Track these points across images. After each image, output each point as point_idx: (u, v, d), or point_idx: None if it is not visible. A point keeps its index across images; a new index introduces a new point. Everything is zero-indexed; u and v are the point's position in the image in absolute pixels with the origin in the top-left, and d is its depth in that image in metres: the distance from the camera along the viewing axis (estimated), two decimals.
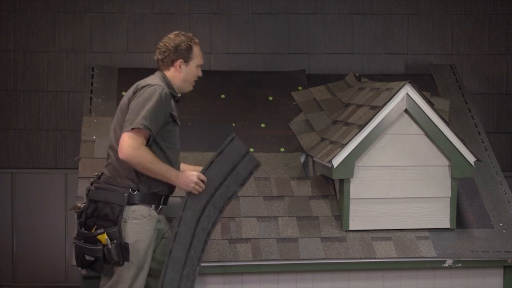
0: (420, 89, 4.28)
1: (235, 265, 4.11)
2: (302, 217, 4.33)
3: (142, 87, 3.63)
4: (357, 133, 4.18)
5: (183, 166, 3.94)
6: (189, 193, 3.61)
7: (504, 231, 4.44)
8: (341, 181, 4.30)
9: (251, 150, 4.68)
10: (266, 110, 4.97)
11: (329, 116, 4.89)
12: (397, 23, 5.99)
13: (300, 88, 5.16)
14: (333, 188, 4.49)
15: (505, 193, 4.66)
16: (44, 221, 5.85)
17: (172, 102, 3.72)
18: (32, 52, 5.83)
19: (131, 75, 5.04)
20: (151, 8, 5.84)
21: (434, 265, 4.29)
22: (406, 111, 4.28)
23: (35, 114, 5.86)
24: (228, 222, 4.24)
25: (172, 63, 3.76)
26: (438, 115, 4.29)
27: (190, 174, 3.60)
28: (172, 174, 3.59)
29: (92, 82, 4.94)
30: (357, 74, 5.29)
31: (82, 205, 3.60)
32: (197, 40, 3.83)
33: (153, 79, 3.71)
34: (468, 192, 4.63)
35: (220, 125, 4.80)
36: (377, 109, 4.24)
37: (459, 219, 4.45)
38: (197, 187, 3.60)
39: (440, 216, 4.38)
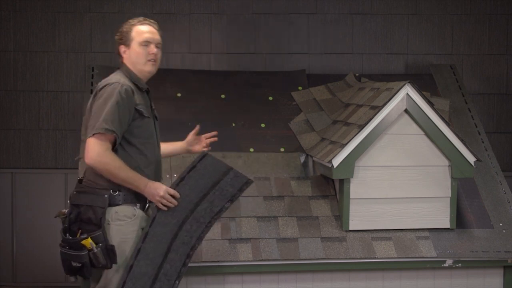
0: (420, 89, 4.28)
1: (235, 265, 4.11)
2: (302, 217, 4.33)
3: (101, 88, 3.51)
4: (357, 133, 4.18)
5: (164, 145, 3.91)
6: (158, 208, 3.52)
7: (504, 231, 4.44)
8: (341, 181, 4.30)
9: (251, 150, 4.68)
10: (266, 110, 4.97)
11: (329, 116, 4.89)
12: (397, 23, 5.99)
13: (300, 88, 5.16)
14: (333, 188, 4.49)
15: (505, 193, 4.66)
16: (44, 221, 5.85)
17: (139, 95, 3.59)
18: (32, 52, 5.83)
19: None
20: (151, 8, 5.85)
21: (434, 265, 4.29)
22: (406, 111, 4.28)
23: (35, 114, 5.86)
24: (228, 222, 4.24)
25: (120, 53, 3.68)
26: (438, 115, 4.29)
27: (157, 186, 3.49)
28: (140, 183, 3.46)
29: (92, 82, 4.94)
30: (357, 74, 5.29)
31: (66, 211, 3.51)
32: (137, 21, 3.67)
33: (114, 76, 3.59)
34: (468, 192, 4.63)
35: (220, 125, 4.80)
36: (377, 109, 4.24)
37: (459, 219, 4.45)
38: (164, 201, 3.48)
39: (440, 216, 4.38)
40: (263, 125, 4.86)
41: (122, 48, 3.66)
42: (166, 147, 4.00)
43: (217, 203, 3.67)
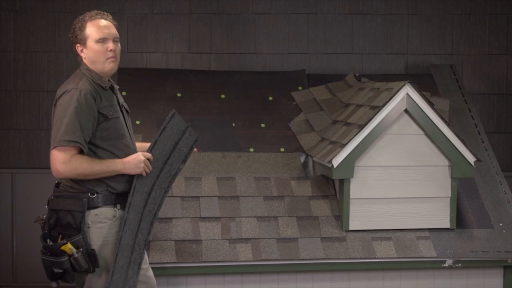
0: (420, 89, 4.28)
1: (235, 265, 4.11)
2: (302, 217, 4.33)
3: (60, 97, 3.40)
4: (357, 133, 4.18)
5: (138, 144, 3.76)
6: (137, 177, 3.45)
7: (504, 231, 4.44)
8: (341, 181, 4.30)
9: (251, 150, 4.68)
10: (266, 110, 4.97)
11: (329, 116, 4.89)
12: (397, 23, 5.99)
13: (300, 88, 5.16)
14: (333, 188, 4.49)
15: (505, 193, 4.66)
16: None
17: (102, 95, 3.45)
18: (32, 52, 5.83)
19: (131, 75, 5.06)
20: (151, 8, 5.84)
21: (434, 265, 4.29)
22: (406, 111, 4.28)
23: (35, 114, 5.86)
24: (228, 222, 4.24)
25: (77, 52, 3.52)
26: (438, 115, 4.29)
27: (135, 156, 3.42)
28: (117, 165, 3.38)
29: None
30: (357, 74, 5.29)
31: (44, 216, 3.47)
32: (89, 16, 3.50)
33: (72, 80, 3.47)
34: (468, 192, 4.63)
35: (220, 125, 4.80)
36: (377, 109, 4.24)
37: (459, 219, 4.45)
38: (146, 167, 3.43)
39: (440, 216, 4.38)
40: (263, 125, 4.86)
41: (79, 47, 3.49)
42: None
43: (175, 166, 3.60)
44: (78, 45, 3.49)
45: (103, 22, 3.50)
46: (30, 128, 5.86)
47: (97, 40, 3.44)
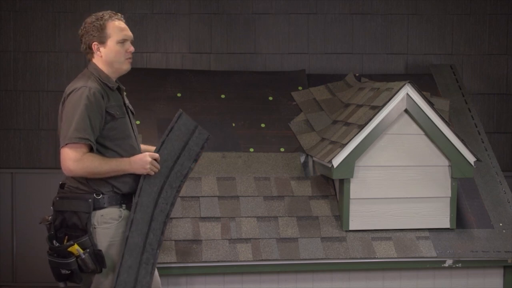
0: (420, 89, 4.28)
1: (235, 265, 4.11)
2: (302, 217, 4.33)
3: (69, 94, 3.42)
4: (357, 133, 4.19)
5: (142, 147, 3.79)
6: (144, 177, 3.47)
7: (504, 231, 4.44)
8: (341, 181, 4.30)
9: (251, 150, 4.68)
10: (266, 110, 4.97)
11: (329, 116, 4.89)
12: (397, 23, 5.99)
13: (300, 88, 5.16)
14: (333, 188, 4.49)
15: (505, 193, 4.66)
16: None
17: (110, 95, 3.48)
18: (32, 52, 5.83)
19: (131, 75, 5.04)
20: (151, 8, 5.84)
21: (434, 265, 4.29)
22: (406, 111, 4.28)
23: (35, 114, 5.86)
24: (228, 222, 4.24)
25: (91, 49, 3.52)
26: (438, 115, 4.29)
27: (142, 156, 3.45)
28: (124, 164, 3.41)
29: None
30: (357, 74, 5.29)
31: (50, 217, 3.48)
32: (109, 16, 3.53)
33: (80, 78, 3.48)
34: (468, 192, 4.63)
35: (220, 125, 4.80)
36: (377, 109, 4.24)
37: (459, 219, 4.45)
38: (153, 167, 3.45)
39: (440, 216, 4.38)
40: (263, 125, 4.86)
41: (95, 45, 3.51)
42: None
43: (186, 165, 3.63)
44: (95, 43, 3.50)
45: (123, 24, 3.57)
46: (30, 128, 5.86)
47: (118, 41, 3.51)
